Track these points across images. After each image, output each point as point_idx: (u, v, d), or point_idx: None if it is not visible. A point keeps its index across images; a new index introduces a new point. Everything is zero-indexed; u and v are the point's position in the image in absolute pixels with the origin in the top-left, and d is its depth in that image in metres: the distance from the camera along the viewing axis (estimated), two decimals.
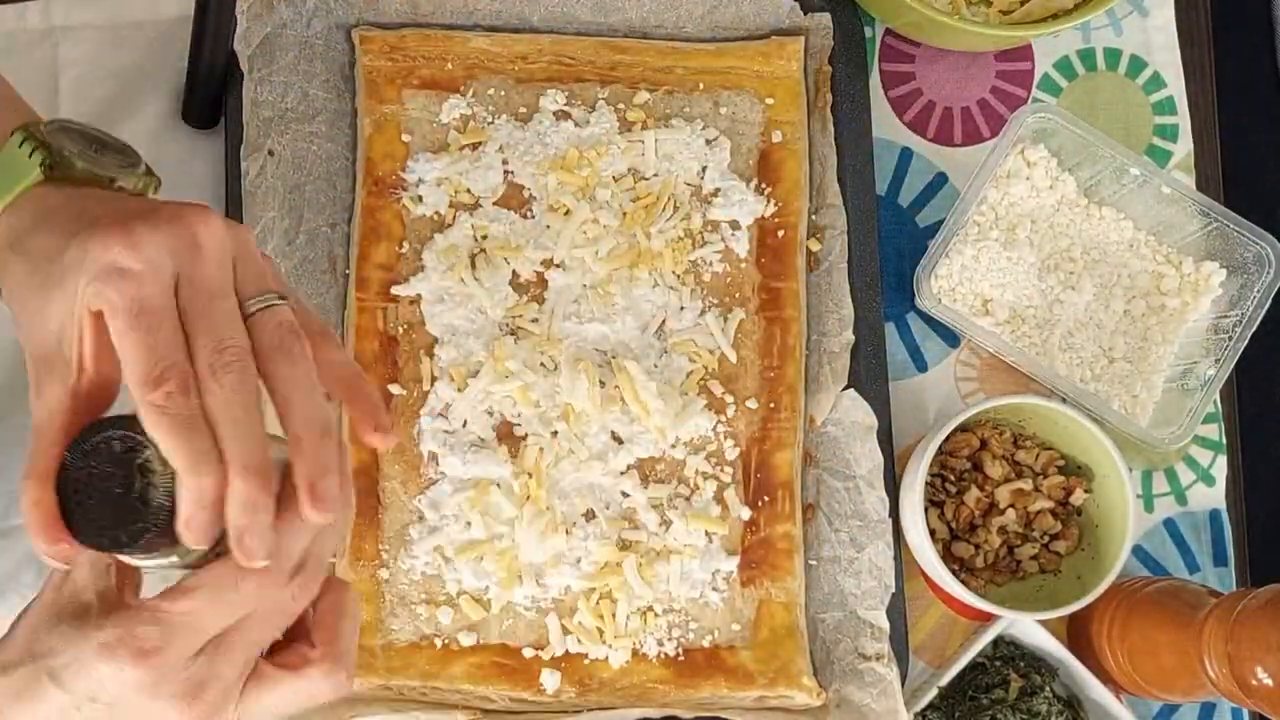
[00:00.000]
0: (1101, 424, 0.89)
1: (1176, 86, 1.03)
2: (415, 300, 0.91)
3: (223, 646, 0.54)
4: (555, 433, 0.90)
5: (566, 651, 0.88)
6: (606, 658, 0.88)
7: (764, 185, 0.95)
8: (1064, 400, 0.91)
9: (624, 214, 0.93)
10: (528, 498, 0.89)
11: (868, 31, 1.00)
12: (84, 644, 0.53)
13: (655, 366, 0.92)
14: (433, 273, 0.91)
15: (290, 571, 0.54)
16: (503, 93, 0.95)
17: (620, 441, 0.91)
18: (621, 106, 0.95)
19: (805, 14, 0.96)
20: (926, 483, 0.89)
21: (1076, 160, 0.95)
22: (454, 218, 0.92)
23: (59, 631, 0.54)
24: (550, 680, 0.87)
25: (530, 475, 0.89)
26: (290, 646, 0.57)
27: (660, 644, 0.89)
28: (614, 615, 0.89)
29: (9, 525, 0.89)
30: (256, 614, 0.54)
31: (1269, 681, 0.75)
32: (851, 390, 0.93)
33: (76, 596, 0.55)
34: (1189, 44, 1.04)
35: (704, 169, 0.94)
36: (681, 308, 0.93)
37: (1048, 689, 0.89)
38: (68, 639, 0.53)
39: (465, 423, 0.90)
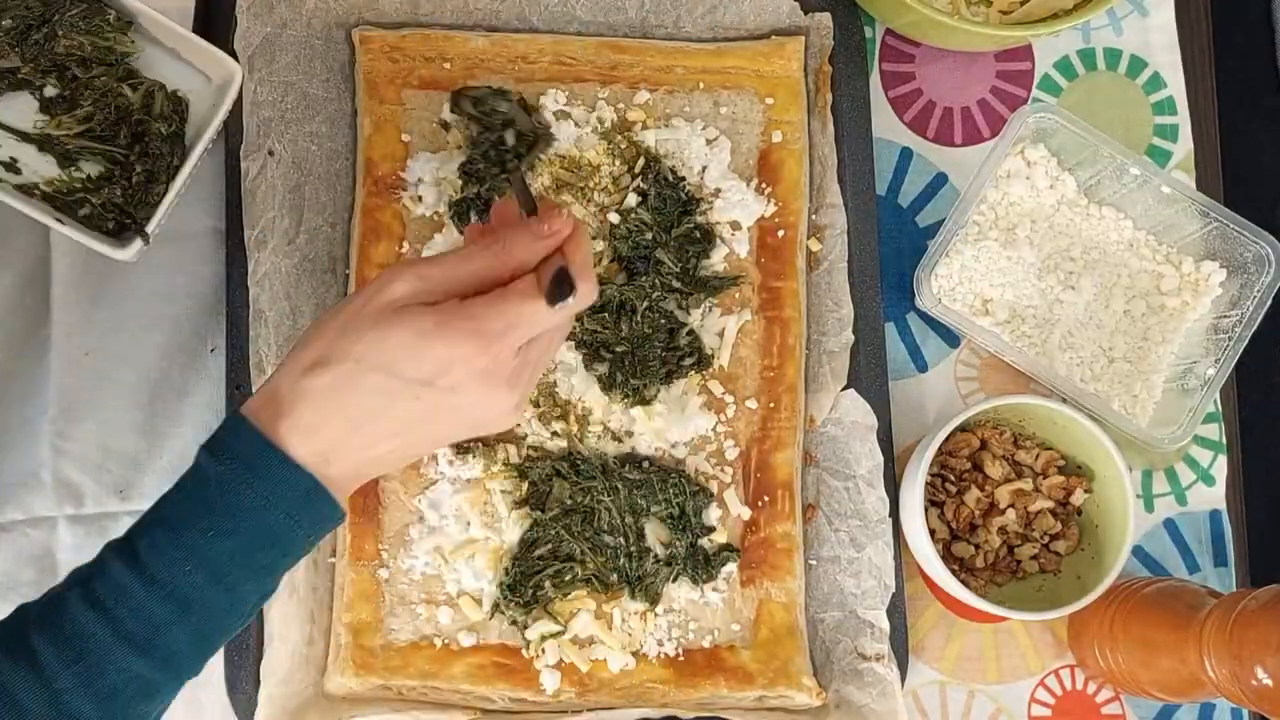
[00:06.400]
0: (1101, 424, 0.89)
1: (1176, 86, 1.03)
2: None
3: (537, 343, 0.68)
4: (555, 433, 0.90)
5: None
6: (606, 658, 0.88)
7: (764, 185, 0.95)
8: (1064, 400, 0.91)
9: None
10: (527, 498, 0.89)
11: (868, 31, 1.00)
12: (421, 336, 0.64)
13: None
14: None
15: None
16: None
17: (620, 440, 0.91)
18: (621, 106, 0.95)
19: (805, 14, 0.96)
20: (926, 483, 0.89)
21: (1076, 160, 0.95)
22: (458, 198, 0.92)
23: (384, 331, 0.64)
24: (550, 680, 0.87)
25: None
26: None
27: (660, 644, 0.89)
28: (613, 615, 0.89)
29: (8, 522, 0.89)
30: (561, 325, 0.70)
31: (1269, 681, 0.75)
32: (851, 390, 0.93)
33: (394, 303, 0.65)
34: (1189, 44, 1.04)
35: (704, 169, 0.94)
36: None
37: None
38: (400, 340, 0.64)
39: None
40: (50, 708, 0.61)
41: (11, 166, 0.81)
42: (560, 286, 0.66)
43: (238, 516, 0.63)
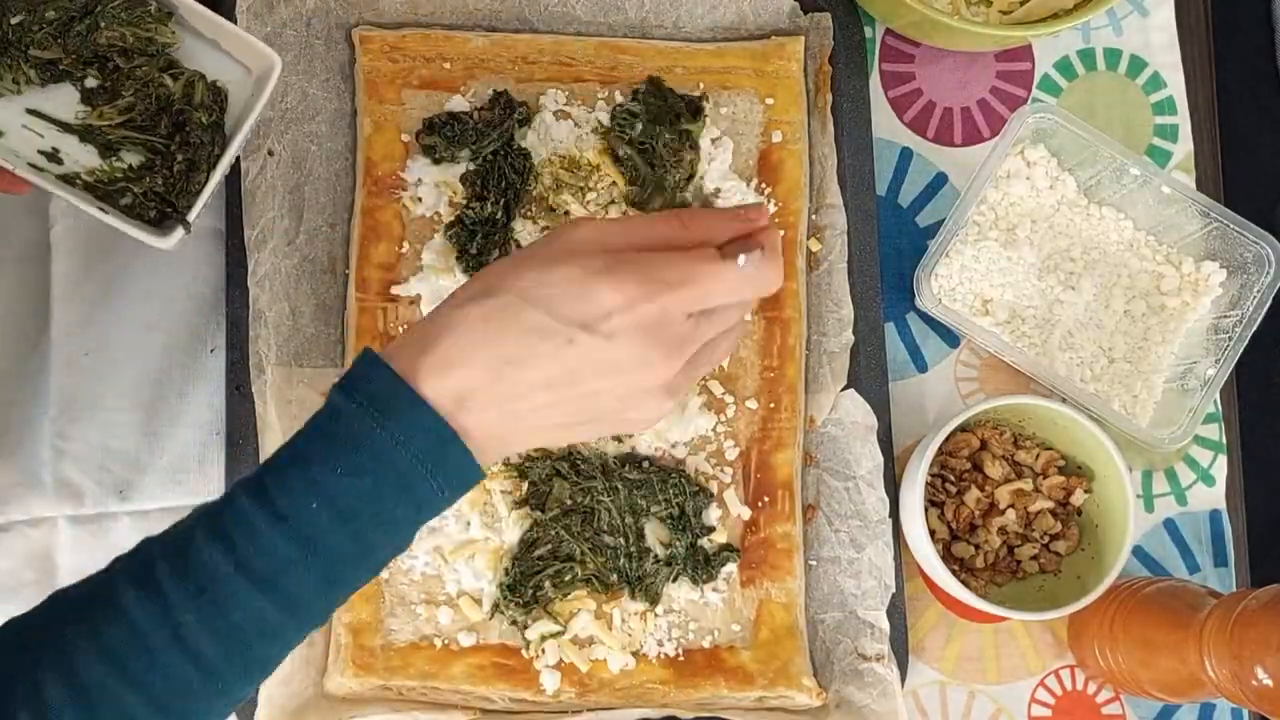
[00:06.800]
0: (1101, 424, 0.89)
1: (1176, 86, 1.03)
2: (415, 300, 0.91)
3: (707, 321, 0.63)
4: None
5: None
6: (606, 658, 0.88)
7: (764, 185, 0.95)
8: (1064, 400, 0.91)
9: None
10: (527, 498, 0.89)
11: (868, 31, 1.00)
12: (588, 273, 0.60)
13: None
14: (432, 273, 0.91)
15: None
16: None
17: (619, 440, 0.91)
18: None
19: (805, 14, 0.96)
20: (926, 483, 0.89)
21: (1076, 160, 0.95)
22: (454, 218, 0.92)
23: (551, 266, 0.60)
24: (550, 680, 0.87)
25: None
26: None
27: (660, 644, 0.89)
28: (613, 616, 0.89)
29: (8, 522, 0.89)
30: (737, 306, 0.65)
31: (1269, 682, 0.75)
32: (851, 390, 0.93)
33: (570, 247, 0.61)
34: (1189, 44, 1.04)
35: (705, 169, 0.94)
36: None
37: None
38: (567, 275, 0.60)
39: None
40: (174, 644, 0.58)
41: (54, 157, 0.82)
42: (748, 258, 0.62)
43: (367, 455, 0.59)
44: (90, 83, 0.82)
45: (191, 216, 0.81)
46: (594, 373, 0.61)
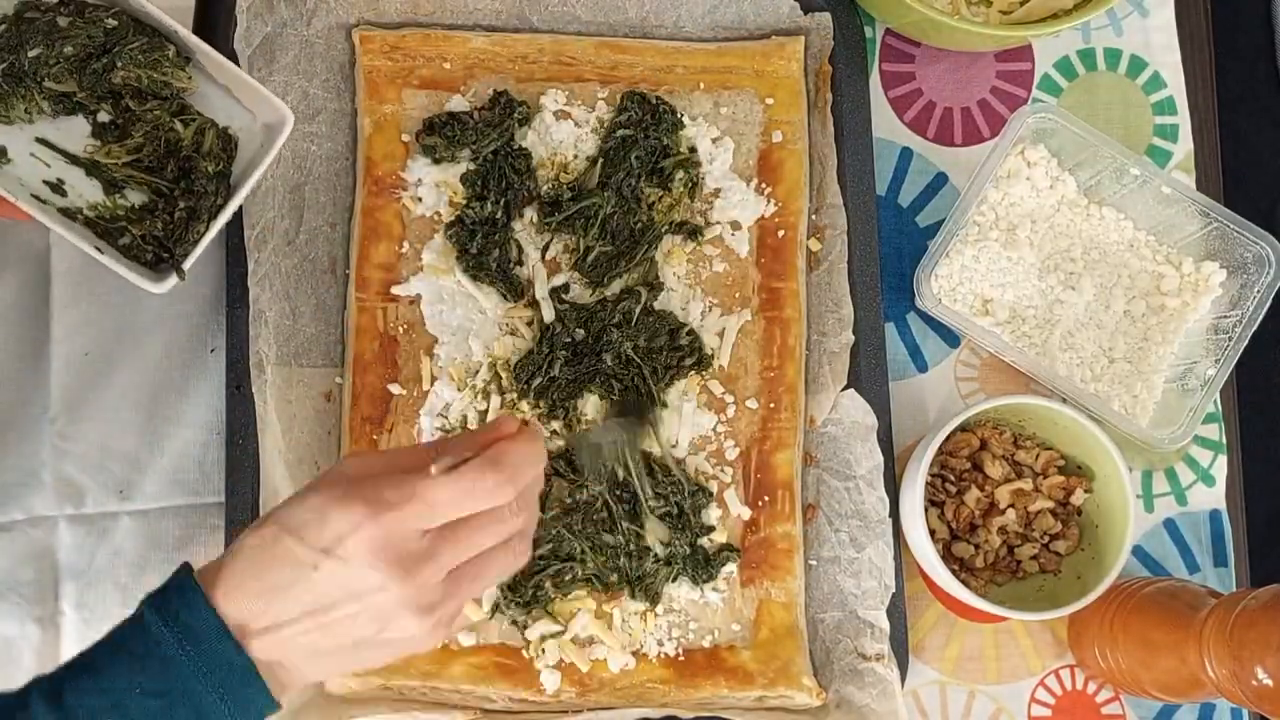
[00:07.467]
0: (1101, 424, 0.89)
1: (1176, 86, 1.03)
2: (415, 300, 0.91)
3: (450, 535, 0.64)
4: (554, 432, 0.90)
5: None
6: (606, 658, 0.88)
7: (764, 185, 0.95)
8: (1064, 400, 0.91)
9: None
10: None
11: (868, 31, 1.00)
12: (328, 501, 0.62)
13: None
14: (432, 273, 0.91)
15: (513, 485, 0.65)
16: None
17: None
18: None
19: (805, 14, 0.96)
20: (926, 483, 0.89)
21: (1076, 160, 0.95)
22: (454, 218, 0.92)
23: (304, 495, 0.64)
24: (550, 680, 0.87)
25: None
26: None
27: (660, 644, 0.89)
28: (613, 615, 0.89)
29: (9, 521, 0.89)
30: (481, 517, 0.65)
31: (1269, 682, 0.75)
32: (851, 390, 0.93)
33: (329, 480, 0.64)
34: (1189, 44, 1.04)
35: (705, 169, 0.94)
36: (683, 308, 0.93)
37: None
38: (312, 504, 0.63)
39: (465, 421, 0.90)
40: None
41: (58, 188, 0.81)
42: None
43: (167, 680, 0.61)
44: (103, 117, 0.81)
45: (187, 265, 0.80)
46: (343, 596, 0.62)
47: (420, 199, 0.92)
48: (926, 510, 0.89)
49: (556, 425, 0.90)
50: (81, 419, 0.90)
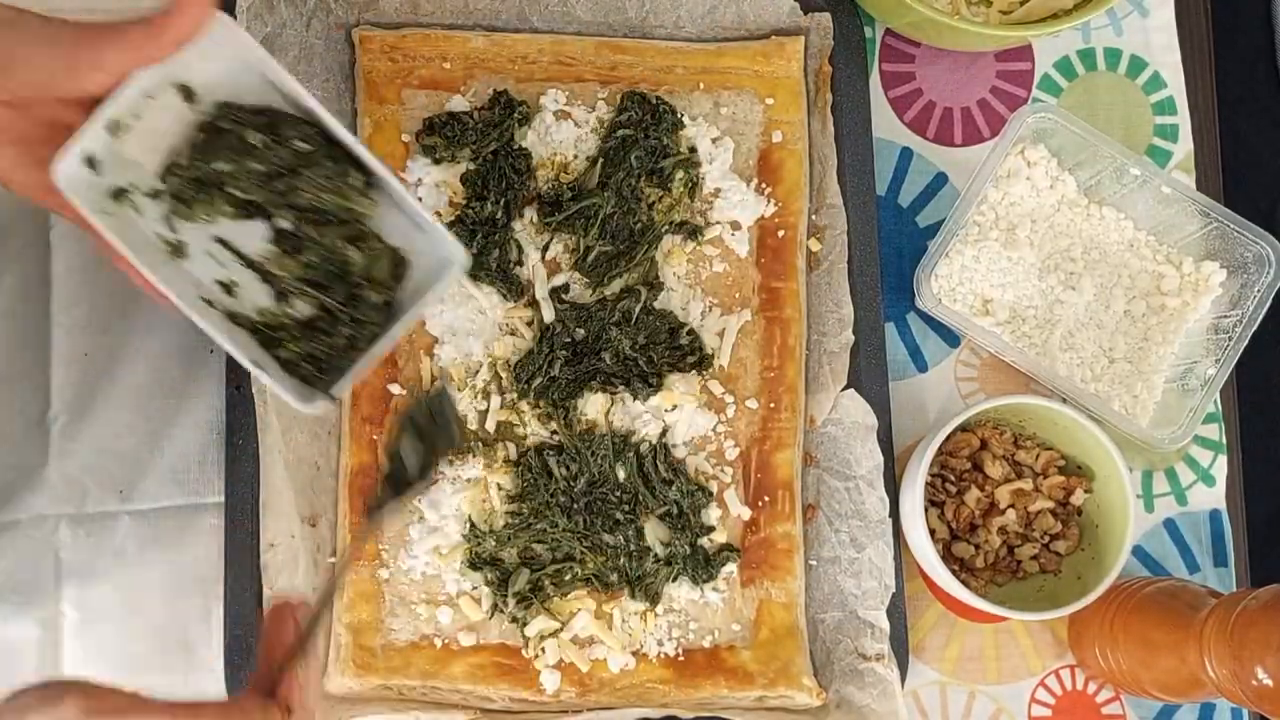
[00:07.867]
0: (1102, 424, 0.89)
1: (1176, 86, 1.03)
2: None
3: None
4: (554, 431, 0.90)
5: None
6: (606, 658, 0.88)
7: (764, 185, 0.95)
8: (1064, 400, 0.91)
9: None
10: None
11: (868, 31, 1.00)
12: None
13: None
14: None
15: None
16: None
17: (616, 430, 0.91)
18: None
19: (805, 14, 0.96)
20: (926, 483, 0.89)
21: (1076, 160, 0.95)
22: (454, 218, 0.92)
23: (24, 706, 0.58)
24: (550, 680, 0.87)
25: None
26: None
27: (660, 644, 0.89)
28: (613, 615, 0.89)
29: (9, 521, 0.89)
30: None
31: (1269, 682, 0.75)
32: (851, 390, 0.93)
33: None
34: (1189, 44, 1.04)
35: (705, 168, 0.94)
36: (683, 308, 0.93)
37: None
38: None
39: (465, 421, 0.90)
40: None
41: (229, 289, 0.78)
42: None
43: None
44: (283, 224, 0.78)
45: (335, 392, 0.78)
46: None
47: (420, 199, 0.92)
48: (926, 510, 0.89)
49: (556, 425, 0.90)
50: (82, 419, 0.90)
